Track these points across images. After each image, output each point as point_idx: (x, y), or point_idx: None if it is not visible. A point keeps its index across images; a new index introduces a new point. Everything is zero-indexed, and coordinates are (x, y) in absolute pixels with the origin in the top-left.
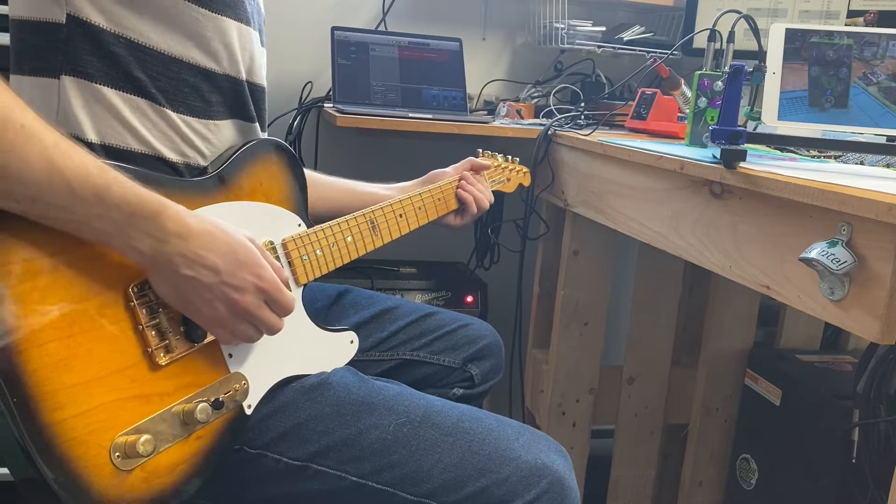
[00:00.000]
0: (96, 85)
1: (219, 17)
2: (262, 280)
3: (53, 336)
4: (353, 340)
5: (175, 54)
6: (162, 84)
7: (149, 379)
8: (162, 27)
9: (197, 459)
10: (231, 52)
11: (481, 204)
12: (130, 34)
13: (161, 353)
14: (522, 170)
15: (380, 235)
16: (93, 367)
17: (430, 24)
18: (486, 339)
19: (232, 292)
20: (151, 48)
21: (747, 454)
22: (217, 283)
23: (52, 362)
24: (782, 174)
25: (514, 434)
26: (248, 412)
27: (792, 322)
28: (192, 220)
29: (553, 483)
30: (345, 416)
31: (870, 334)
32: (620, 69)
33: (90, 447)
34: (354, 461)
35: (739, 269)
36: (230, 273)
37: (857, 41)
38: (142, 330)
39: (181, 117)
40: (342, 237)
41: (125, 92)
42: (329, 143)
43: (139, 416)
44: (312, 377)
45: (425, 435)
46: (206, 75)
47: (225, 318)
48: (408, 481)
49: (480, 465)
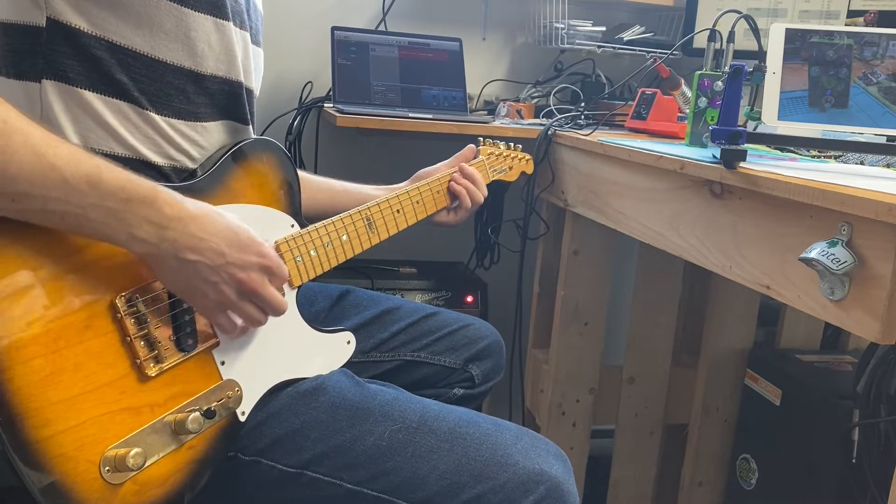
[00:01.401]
0: (77, 89)
1: (202, 15)
2: (266, 258)
3: (38, 352)
4: (349, 341)
5: (159, 56)
6: (145, 86)
7: (138, 390)
8: (145, 29)
9: (190, 469)
10: (217, 52)
11: (475, 197)
12: (112, 37)
13: (150, 364)
14: (525, 157)
15: (376, 232)
16: (80, 382)
17: (430, 24)
18: (487, 339)
19: (238, 272)
20: (134, 50)
21: (747, 454)
22: (223, 264)
23: (38, 379)
24: (782, 174)
25: (512, 438)
26: (241, 419)
27: (792, 322)
28: (189, 203)
29: (551, 489)
30: (340, 422)
31: (870, 334)
32: (620, 69)
33: (79, 463)
34: (349, 468)
35: (739, 269)
36: (234, 254)
37: (857, 41)
38: (130, 341)
39: (166, 120)
40: (337, 236)
41: (107, 95)
42: (329, 143)
43: (129, 429)
44: (308, 381)
45: (421, 441)
46: (193, 77)
47: (233, 301)
48: (404, 488)
49: (477, 472)
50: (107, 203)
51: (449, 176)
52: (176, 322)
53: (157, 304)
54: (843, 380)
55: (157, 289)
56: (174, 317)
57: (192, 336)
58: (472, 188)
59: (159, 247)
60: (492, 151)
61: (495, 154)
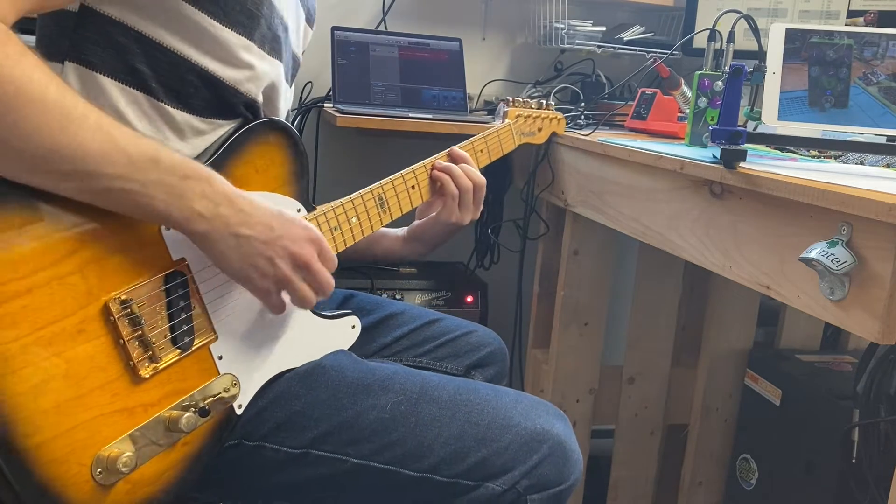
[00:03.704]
0: (95, 73)
1: (234, 34)
2: (312, 231)
3: (29, 361)
4: (354, 325)
5: (186, 56)
6: (166, 79)
7: (131, 392)
8: (176, 30)
9: (184, 465)
10: (247, 75)
11: (459, 181)
12: (143, 29)
13: (145, 365)
14: (557, 117)
15: (388, 212)
16: (71, 387)
17: (430, 24)
18: (490, 346)
19: (290, 244)
20: (161, 44)
21: (747, 454)
22: (275, 237)
23: (27, 388)
24: (782, 174)
25: (511, 402)
26: (238, 412)
27: (792, 322)
28: (232, 187)
29: (554, 447)
30: (341, 399)
31: (870, 334)
32: (620, 69)
33: (70, 466)
34: (354, 443)
35: (739, 269)
36: (283, 228)
37: (857, 41)
38: (123, 344)
39: (180, 113)
40: (346, 219)
41: (124, 84)
42: (329, 143)
43: (121, 430)
44: (306, 363)
45: (424, 410)
46: (214, 82)
47: (288, 276)
48: (409, 458)
49: (481, 435)
50: (168, 179)
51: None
52: (173, 320)
53: (152, 303)
54: (843, 380)
55: (153, 288)
56: (171, 315)
57: (190, 333)
58: (457, 171)
59: (212, 222)
60: (520, 113)
61: (524, 116)
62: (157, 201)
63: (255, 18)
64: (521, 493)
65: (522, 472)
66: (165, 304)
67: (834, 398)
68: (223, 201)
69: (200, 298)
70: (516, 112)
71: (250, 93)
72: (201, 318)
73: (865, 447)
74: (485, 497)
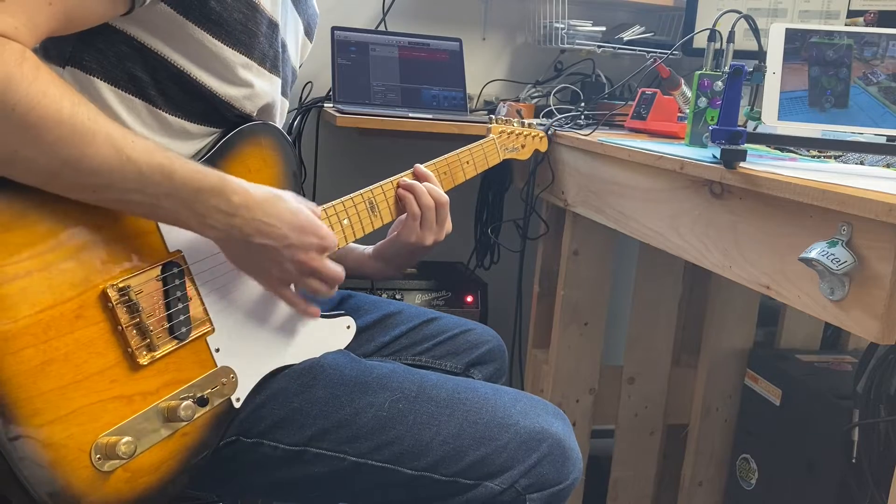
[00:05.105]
0: (91, 77)
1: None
2: (324, 239)
3: (28, 342)
4: (349, 325)
5: (187, 71)
6: (165, 88)
7: (130, 379)
8: (179, 47)
9: (183, 456)
10: (246, 93)
11: (421, 199)
12: (146, 41)
13: (143, 352)
14: (539, 135)
15: (379, 216)
16: (70, 371)
17: (430, 24)
18: (489, 344)
19: (299, 253)
20: (164, 58)
21: (747, 454)
22: (286, 246)
23: (27, 369)
24: (782, 174)
25: (510, 401)
26: (236, 405)
27: (792, 322)
28: (253, 189)
29: (553, 446)
30: (339, 397)
31: (870, 334)
32: (620, 69)
33: (69, 451)
34: (352, 441)
35: (739, 269)
36: (296, 237)
37: (857, 41)
38: (121, 331)
39: (177, 121)
40: (337, 220)
41: (122, 90)
42: (329, 143)
43: (121, 417)
44: (304, 361)
45: (422, 409)
46: (213, 97)
47: (294, 277)
48: (407, 456)
49: (479, 434)
50: (180, 193)
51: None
52: (170, 309)
53: (150, 291)
54: (843, 380)
55: (149, 277)
56: (168, 304)
57: (187, 324)
58: (419, 189)
59: (228, 233)
60: (503, 130)
61: (507, 132)
62: (168, 211)
63: (256, 37)
64: (520, 492)
65: (521, 471)
66: (162, 293)
67: (834, 398)
68: (238, 212)
69: (197, 290)
70: (500, 128)
71: (246, 109)
72: (198, 310)
73: (865, 447)
74: (484, 496)
